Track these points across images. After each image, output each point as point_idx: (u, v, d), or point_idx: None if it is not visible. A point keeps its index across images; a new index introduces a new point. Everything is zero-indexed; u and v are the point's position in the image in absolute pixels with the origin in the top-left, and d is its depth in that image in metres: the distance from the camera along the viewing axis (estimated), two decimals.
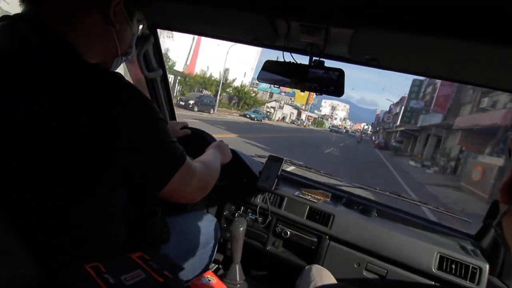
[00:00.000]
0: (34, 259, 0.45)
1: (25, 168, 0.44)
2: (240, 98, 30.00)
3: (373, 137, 61.34)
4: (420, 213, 1.35)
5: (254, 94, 31.68)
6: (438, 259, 1.01)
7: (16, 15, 0.52)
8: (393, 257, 1.05)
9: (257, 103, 32.15)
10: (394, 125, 41.08)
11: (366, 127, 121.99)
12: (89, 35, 0.54)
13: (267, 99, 39.32)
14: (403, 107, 35.68)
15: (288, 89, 48.22)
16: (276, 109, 39.00)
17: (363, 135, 56.54)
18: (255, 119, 25.20)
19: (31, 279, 0.44)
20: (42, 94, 0.44)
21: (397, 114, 41.24)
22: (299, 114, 48.15)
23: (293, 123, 41.58)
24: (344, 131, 68.60)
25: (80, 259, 0.50)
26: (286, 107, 42.05)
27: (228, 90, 28.56)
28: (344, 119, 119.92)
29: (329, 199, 1.26)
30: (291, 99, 45.65)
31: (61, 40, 0.49)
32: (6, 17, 0.51)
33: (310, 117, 56.68)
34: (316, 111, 65.97)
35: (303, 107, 49.40)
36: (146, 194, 0.66)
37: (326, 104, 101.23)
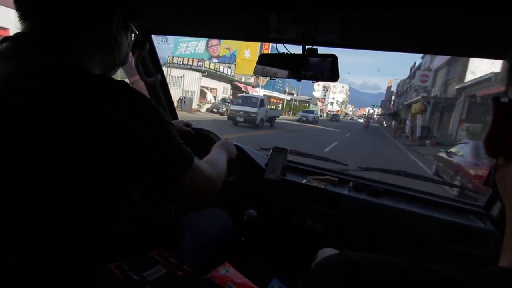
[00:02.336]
0: (65, 260, 0.49)
1: (49, 180, 0.47)
2: None
3: (384, 122, 41.53)
4: (430, 190, 1.32)
5: None
6: (447, 230, 1.02)
7: (18, 35, 0.52)
8: (404, 234, 1.08)
9: None
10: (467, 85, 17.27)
11: (371, 111, 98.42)
12: (92, 49, 0.56)
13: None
14: None
15: (221, 53, 25.27)
16: None
17: (370, 121, 44.62)
18: None
19: (64, 279, 0.49)
20: (53, 114, 0.46)
21: (454, 62, 17.63)
22: (237, 91, 24.93)
23: (214, 111, 18.93)
24: (330, 116, 46.56)
25: (104, 260, 0.55)
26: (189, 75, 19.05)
27: None
28: (343, 102, 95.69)
29: (336, 184, 1.28)
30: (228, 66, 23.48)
31: (66, 59, 0.51)
32: (8, 39, 0.52)
33: (276, 100, 33.38)
34: (296, 94, 43.49)
35: (251, 80, 26.37)
36: (158, 196, 0.72)
37: (319, 87, 77.54)
